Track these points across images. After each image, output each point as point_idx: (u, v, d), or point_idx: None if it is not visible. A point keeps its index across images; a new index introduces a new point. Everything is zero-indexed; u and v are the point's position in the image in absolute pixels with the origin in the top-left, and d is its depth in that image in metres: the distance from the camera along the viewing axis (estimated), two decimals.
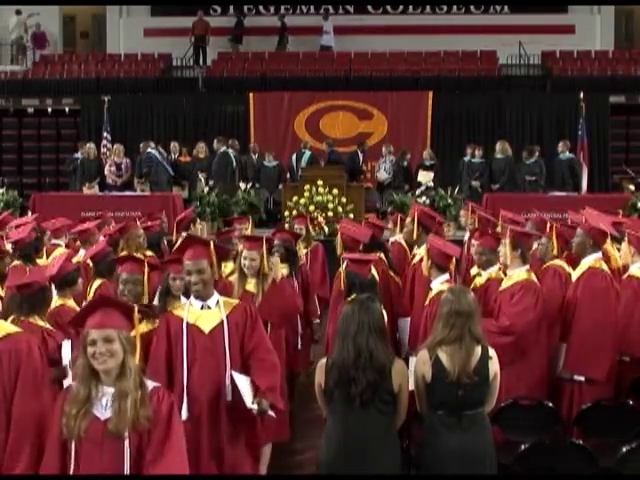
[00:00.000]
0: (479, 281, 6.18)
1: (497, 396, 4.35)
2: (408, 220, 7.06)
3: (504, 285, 5.69)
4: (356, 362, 4.02)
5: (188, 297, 4.74)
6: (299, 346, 6.70)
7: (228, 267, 6.60)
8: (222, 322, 4.42)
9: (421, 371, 4.16)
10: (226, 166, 14.43)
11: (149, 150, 14.48)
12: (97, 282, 6.08)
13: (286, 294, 5.66)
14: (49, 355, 4.76)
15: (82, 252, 7.23)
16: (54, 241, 7.84)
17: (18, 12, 20.09)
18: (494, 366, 4.17)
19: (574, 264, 6.27)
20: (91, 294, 5.99)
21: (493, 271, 6.05)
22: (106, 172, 14.72)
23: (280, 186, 14.45)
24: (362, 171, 15.51)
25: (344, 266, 5.73)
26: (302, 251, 8.14)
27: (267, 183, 15.13)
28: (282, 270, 6.23)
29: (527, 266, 5.73)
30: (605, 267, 5.72)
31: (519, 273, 5.65)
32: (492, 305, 5.71)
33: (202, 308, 4.50)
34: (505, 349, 5.19)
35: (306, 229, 8.45)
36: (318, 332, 7.63)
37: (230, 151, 14.64)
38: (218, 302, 4.52)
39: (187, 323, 4.42)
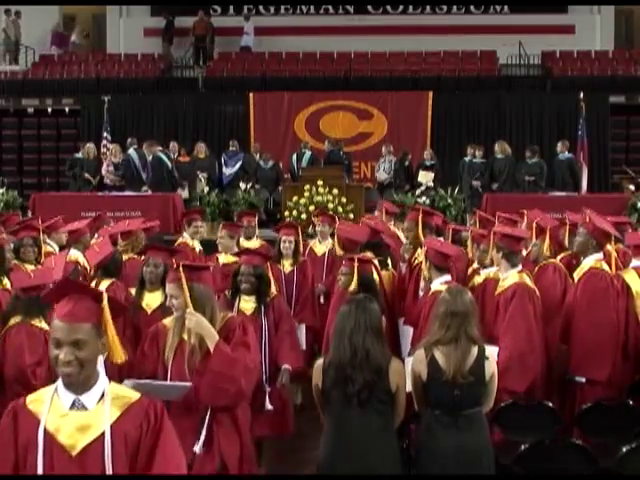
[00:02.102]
0: (477, 280, 6.19)
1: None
2: (409, 224, 7.04)
3: (499, 289, 5.67)
4: (352, 361, 4.02)
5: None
6: (267, 406, 5.24)
7: (155, 299, 5.38)
8: (102, 437, 2.69)
9: (417, 370, 4.17)
10: (161, 170, 14.33)
11: (130, 152, 14.47)
12: (106, 282, 6.00)
13: (227, 373, 3.82)
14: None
15: (73, 252, 7.18)
16: (47, 241, 7.77)
17: (7, 12, 20.05)
18: (491, 366, 4.17)
19: (570, 266, 6.30)
20: None
21: (492, 271, 6.06)
22: (103, 172, 14.71)
23: (280, 187, 14.47)
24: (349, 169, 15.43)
25: (356, 266, 5.67)
26: (287, 269, 7.29)
27: (265, 184, 15.13)
28: (247, 306, 5.34)
29: (518, 267, 5.67)
30: (606, 267, 5.72)
31: (512, 275, 5.61)
32: (489, 306, 5.72)
33: (73, 406, 2.72)
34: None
35: (295, 243, 7.38)
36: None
37: (163, 155, 14.49)
38: (103, 397, 2.74)
39: (45, 431, 2.69)
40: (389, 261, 6.91)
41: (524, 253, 6.88)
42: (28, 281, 4.95)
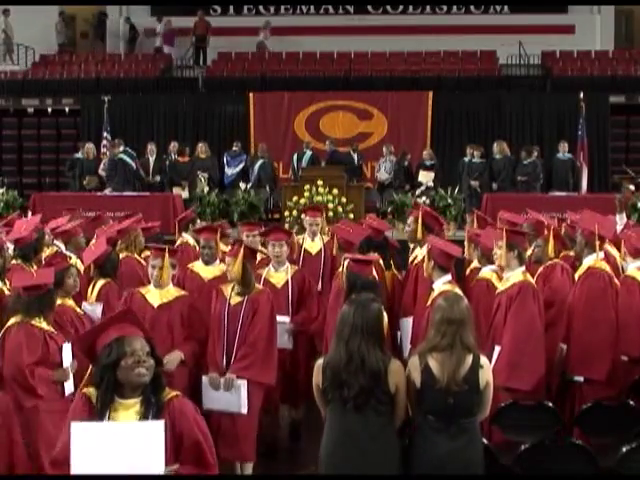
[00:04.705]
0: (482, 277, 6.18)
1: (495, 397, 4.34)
2: (411, 220, 7.05)
3: (501, 287, 5.67)
4: (347, 367, 4.01)
5: None
6: None
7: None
8: None
9: (411, 377, 4.12)
10: (124, 171, 14.26)
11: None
12: (101, 282, 6.08)
13: None
14: (50, 357, 4.78)
15: (66, 252, 7.15)
16: (56, 242, 7.78)
17: (5, 12, 20.04)
18: (486, 375, 4.11)
19: (572, 266, 6.31)
20: (94, 293, 6.01)
21: (491, 269, 6.09)
22: (100, 171, 14.71)
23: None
24: (361, 171, 15.48)
25: (345, 266, 5.69)
26: (234, 299, 5.50)
27: (271, 183, 15.24)
28: (127, 415, 3.26)
29: (523, 267, 5.68)
30: (606, 267, 5.73)
31: (516, 274, 5.60)
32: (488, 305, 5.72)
33: None
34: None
35: (242, 268, 5.51)
36: None
37: (125, 155, 14.38)
38: None
39: None
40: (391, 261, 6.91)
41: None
42: (30, 280, 4.96)
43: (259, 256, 6.50)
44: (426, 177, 14.69)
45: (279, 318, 5.86)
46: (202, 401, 5.28)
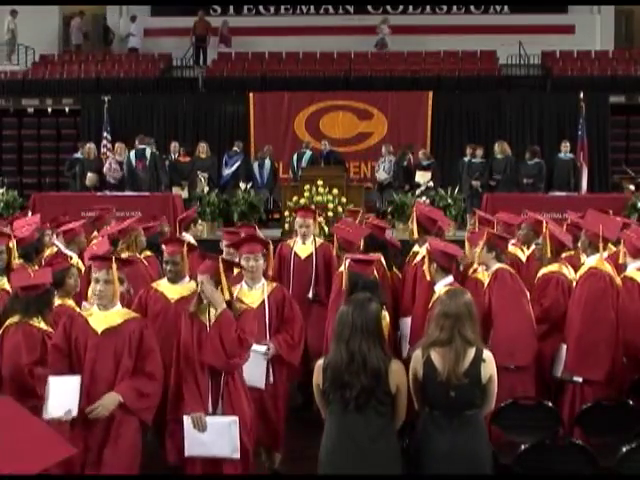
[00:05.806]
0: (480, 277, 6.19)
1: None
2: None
3: (486, 283, 5.81)
4: (349, 367, 4.01)
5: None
6: None
7: None
8: None
9: (414, 370, 4.16)
10: (129, 169, 14.28)
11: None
12: None
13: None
14: (47, 357, 4.77)
15: (67, 252, 7.16)
16: (56, 241, 7.78)
17: (13, 12, 20.07)
18: (488, 369, 4.11)
19: (575, 264, 6.29)
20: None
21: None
22: (105, 170, 14.69)
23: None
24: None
25: (346, 266, 5.68)
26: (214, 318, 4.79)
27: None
28: None
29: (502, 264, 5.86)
30: (607, 267, 5.71)
31: (495, 266, 5.81)
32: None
33: None
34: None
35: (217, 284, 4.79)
36: None
37: (132, 154, 14.30)
38: None
39: None
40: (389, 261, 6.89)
41: (527, 253, 6.95)
42: (28, 280, 4.95)
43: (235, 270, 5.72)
44: (423, 177, 14.65)
45: (255, 347, 5.03)
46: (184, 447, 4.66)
